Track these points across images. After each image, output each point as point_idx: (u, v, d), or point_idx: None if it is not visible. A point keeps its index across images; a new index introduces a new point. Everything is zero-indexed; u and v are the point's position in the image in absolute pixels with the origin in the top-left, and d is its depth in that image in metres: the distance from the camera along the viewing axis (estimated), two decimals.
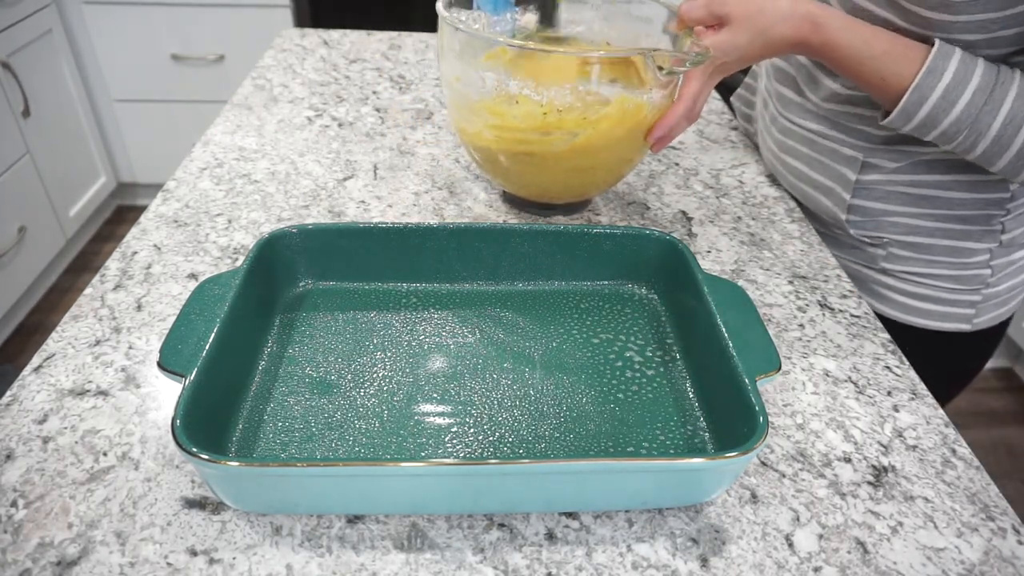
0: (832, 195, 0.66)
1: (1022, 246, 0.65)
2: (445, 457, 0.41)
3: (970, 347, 0.69)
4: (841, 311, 0.57)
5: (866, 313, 0.57)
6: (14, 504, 0.39)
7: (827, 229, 0.70)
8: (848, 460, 0.44)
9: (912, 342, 0.60)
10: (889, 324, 0.67)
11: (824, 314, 0.57)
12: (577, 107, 0.55)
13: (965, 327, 0.66)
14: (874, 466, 0.44)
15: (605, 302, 0.54)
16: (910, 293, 0.66)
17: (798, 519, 0.40)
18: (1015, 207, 0.62)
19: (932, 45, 0.52)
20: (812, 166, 0.68)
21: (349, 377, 0.46)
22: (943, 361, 0.68)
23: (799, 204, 0.72)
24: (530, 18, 0.69)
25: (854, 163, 0.64)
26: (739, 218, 0.68)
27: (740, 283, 0.59)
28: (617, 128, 0.56)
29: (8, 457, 0.41)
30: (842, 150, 0.64)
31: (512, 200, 0.68)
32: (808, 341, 0.54)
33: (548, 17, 0.69)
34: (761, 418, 0.37)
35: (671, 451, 0.43)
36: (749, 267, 0.62)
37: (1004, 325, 0.69)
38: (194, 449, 0.34)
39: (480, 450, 0.42)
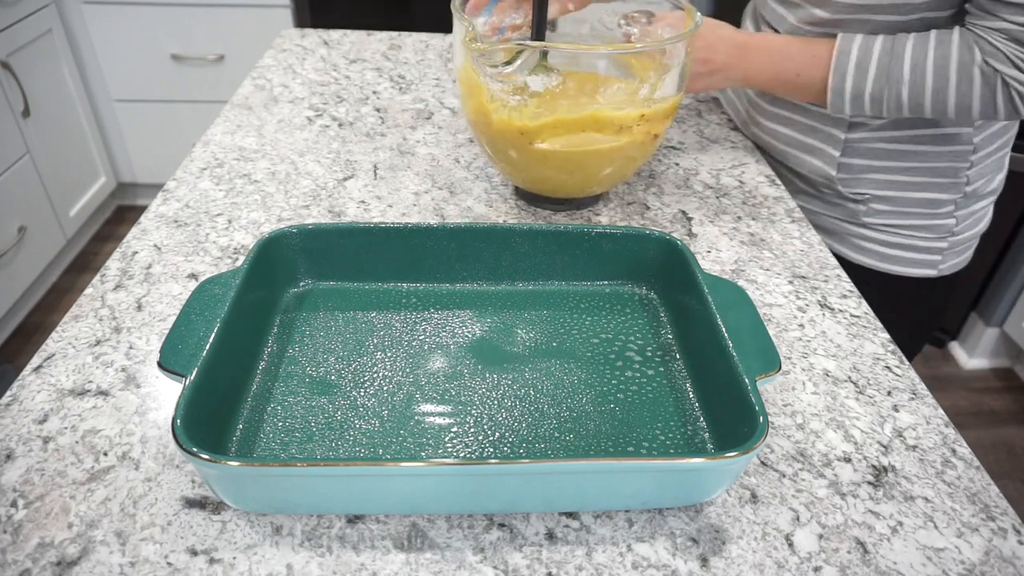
0: (823, 155, 0.73)
1: (981, 197, 0.74)
2: (445, 457, 0.41)
3: (934, 293, 0.78)
4: (841, 311, 0.57)
5: (866, 313, 0.57)
6: (14, 504, 0.39)
7: (814, 189, 0.77)
8: (848, 460, 0.44)
9: (884, 289, 0.74)
10: (865, 272, 0.75)
11: (824, 314, 0.57)
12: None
13: (932, 272, 0.76)
14: (874, 466, 0.44)
15: (605, 302, 0.54)
16: (886, 243, 0.75)
17: (798, 519, 0.40)
18: (977, 159, 0.70)
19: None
20: (804, 132, 0.74)
21: (349, 377, 0.46)
22: (911, 306, 0.78)
23: (784, 168, 0.79)
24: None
25: (842, 123, 0.71)
26: (739, 218, 0.68)
27: (740, 283, 0.59)
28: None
29: (8, 457, 0.41)
30: (833, 113, 0.70)
31: (526, 196, 0.69)
32: (808, 341, 0.54)
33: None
34: (761, 418, 0.37)
35: (671, 451, 0.43)
36: (749, 267, 0.62)
37: (960, 274, 0.79)
38: (194, 449, 0.34)
39: (480, 450, 0.42)
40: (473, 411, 0.44)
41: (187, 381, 0.38)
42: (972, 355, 1.80)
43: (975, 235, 0.77)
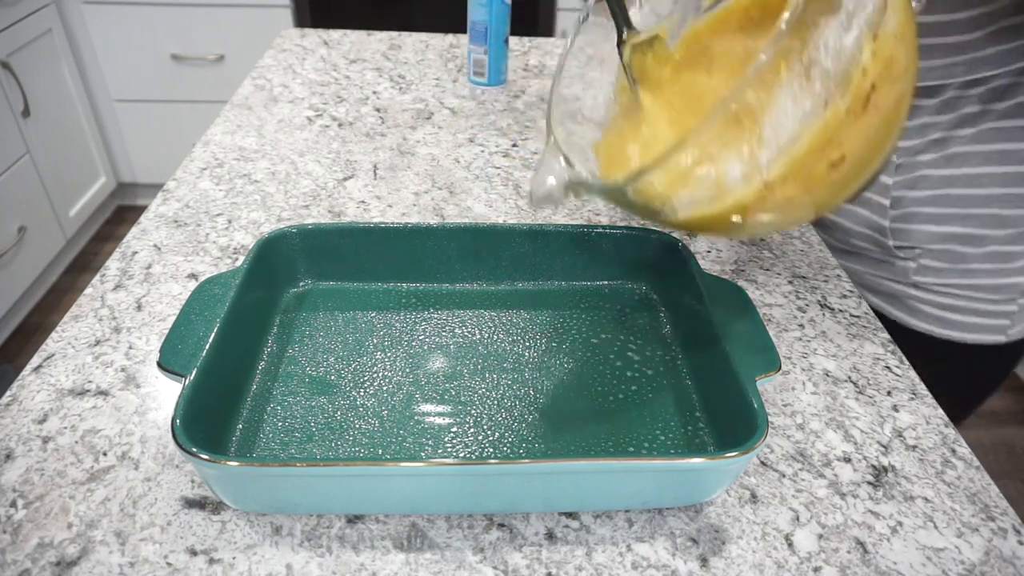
0: (870, 205, 0.64)
1: None
2: (445, 457, 0.41)
3: (999, 359, 0.67)
4: (841, 311, 0.57)
5: (866, 313, 0.57)
6: (13, 504, 0.39)
7: (854, 246, 0.67)
8: (848, 460, 0.44)
9: (942, 355, 0.60)
10: (918, 337, 0.65)
11: (824, 314, 0.57)
12: None
13: (999, 339, 0.64)
14: (874, 466, 0.44)
15: (605, 302, 0.54)
16: (944, 305, 0.64)
17: (798, 519, 0.40)
18: None
19: None
20: None
21: (349, 377, 0.46)
22: (970, 374, 0.66)
23: (826, 224, 0.68)
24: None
25: (888, 166, 0.61)
26: None
27: (740, 283, 0.59)
28: None
29: (8, 457, 0.41)
30: None
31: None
32: (808, 341, 0.54)
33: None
34: (761, 418, 0.37)
35: (671, 451, 0.43)
36: (749, 267, 0.62)
37: None
38: (194, 449, 0.34)
39: (480, 450, 0.42)
40: (473, 411, 0.44)
41: (187, 381, 0.38)
42: None
43: None
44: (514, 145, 0.79)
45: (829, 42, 0.33)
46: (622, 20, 0.44)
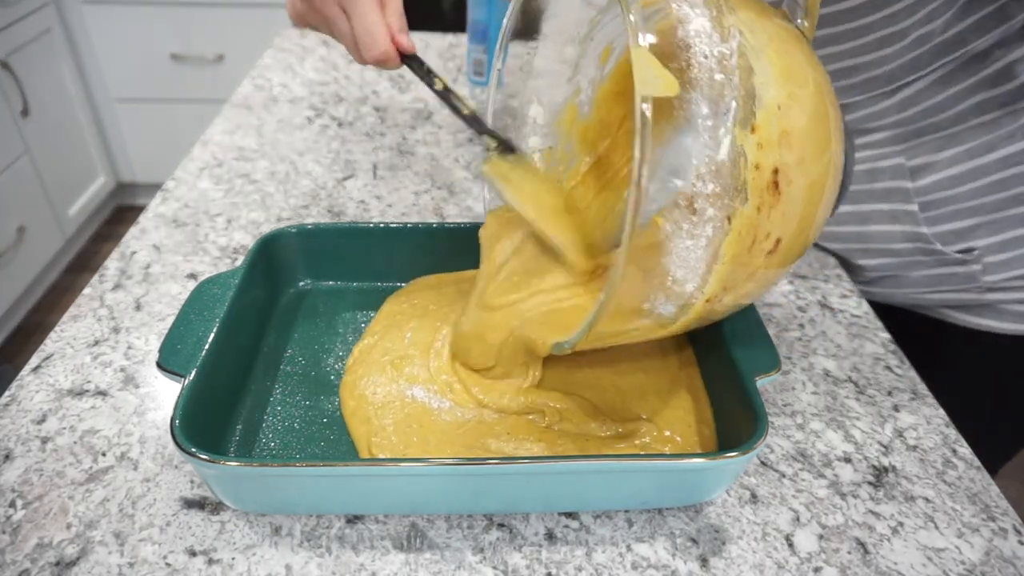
0: (898, 216, 0.57)
1: None
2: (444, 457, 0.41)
3: None
4: (841, 311, 0.57)
5: (866, 313, 0.57)
6: (12, 504, 0.39)
7: (905, 269, 0.60)
8: (848, 460, 0.44)
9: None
10: (1000, 339, 0.59)
11: (824, 314, 0.57)
12: None
13: None
14: (874, 466, 0.44)
15: None
16: None
17: (798, 519, 0.40)
18: None
19: None
20: (853, 199, 0.59)
21: None
22: None
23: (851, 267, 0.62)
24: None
25: (900, 170, 0.56)
26: None
27: None
28: None
29: (7, 457, 0.41)
30: (877, 164, 0.57)
31: None
32: (808, 341, 0.54)
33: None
34: (761, 418, 0.37)
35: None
36: None
37: None
38: (193, 449, 0.34)
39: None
40: None
41: (186, 381, 0.38)
42: None
43: None
44: None
45: (701, 170, 0.32)
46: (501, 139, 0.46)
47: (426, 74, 0.46)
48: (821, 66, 0.37)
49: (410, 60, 0.46)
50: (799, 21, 0.38)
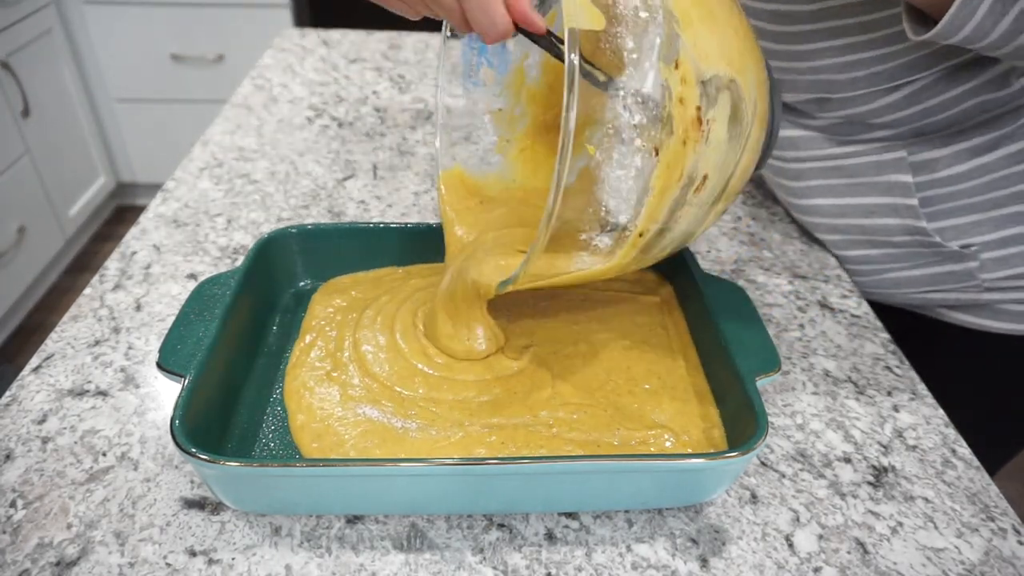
0: (898, 210, 0.57)
1: None
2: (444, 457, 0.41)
3: None
4: (841, 311, 0.57)
5: (866, 313, 0.57)
6: (13, 504, 0.39)
7: (904, 261, 0.60)
8: (848, 460, 0.44)
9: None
10: (998, 339, 0.60)
11: (824, 314, 0.57)
12: None
13: None
14: (874, 466, 0.44)
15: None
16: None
17: (798, 519, 0.40)
18: None
19: None
20: (857, 192, 0.59)
21: None
22: None
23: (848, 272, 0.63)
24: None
25: (901, 164, 0.56)
26: (739, 218, 0.68)
27: (740, 283, 0.59)
28: None
29: (7, 457, 0.41)
30: (882, 157, 0.56)
31: None
32: (808, 341, 0.54)
33: None
34: (761, 418, 0.37)
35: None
36: (749, 267, 0.61)
37: None
38: (193, 449, 0.34)
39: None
40: None
41: (186, 381, 0.38)
42: None
43: None
44: None
45: (628, 102, 0.34)
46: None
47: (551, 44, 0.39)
48: (743, 16, 0.39)
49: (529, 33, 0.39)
50: None
